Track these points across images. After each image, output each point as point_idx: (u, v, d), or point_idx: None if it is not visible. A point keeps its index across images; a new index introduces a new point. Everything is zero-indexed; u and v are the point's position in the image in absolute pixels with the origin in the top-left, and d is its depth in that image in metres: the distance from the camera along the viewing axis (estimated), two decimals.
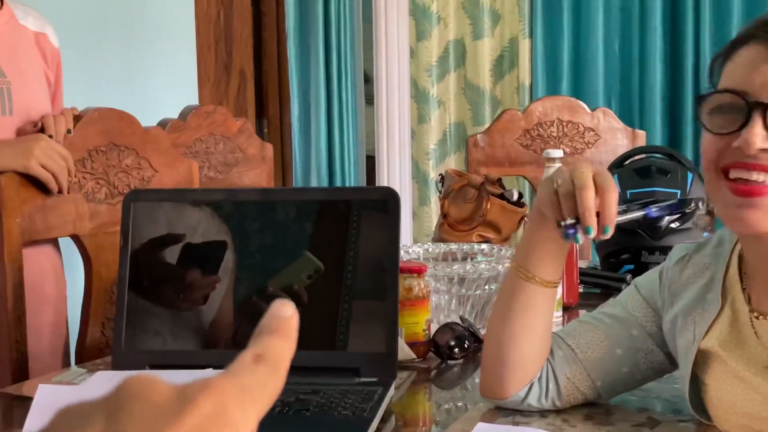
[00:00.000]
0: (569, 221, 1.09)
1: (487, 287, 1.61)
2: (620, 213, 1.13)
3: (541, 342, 1.21)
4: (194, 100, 3.32)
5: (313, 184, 3.81)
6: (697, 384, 1.13)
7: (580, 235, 1.09)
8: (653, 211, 1.18)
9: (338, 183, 3.87)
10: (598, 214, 1.09)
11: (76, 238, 1.71)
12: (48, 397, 1.17)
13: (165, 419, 0.36)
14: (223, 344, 1.37)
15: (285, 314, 0.43)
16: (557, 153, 1.77)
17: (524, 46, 3.76)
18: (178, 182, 1.89)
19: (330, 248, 1.39)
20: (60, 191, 1.64)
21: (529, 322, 1.19)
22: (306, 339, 1.33)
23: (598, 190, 1.09)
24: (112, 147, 1.76)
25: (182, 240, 1.40)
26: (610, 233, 1.10)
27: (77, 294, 1.78)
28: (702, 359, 1.12)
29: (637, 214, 1.17)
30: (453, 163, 3.93)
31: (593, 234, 1.08)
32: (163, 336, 1.37)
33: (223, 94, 4.20)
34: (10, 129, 1.70)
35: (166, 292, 1.38)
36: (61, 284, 1.78)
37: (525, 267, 1.17)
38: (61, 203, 1.67)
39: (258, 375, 0.40)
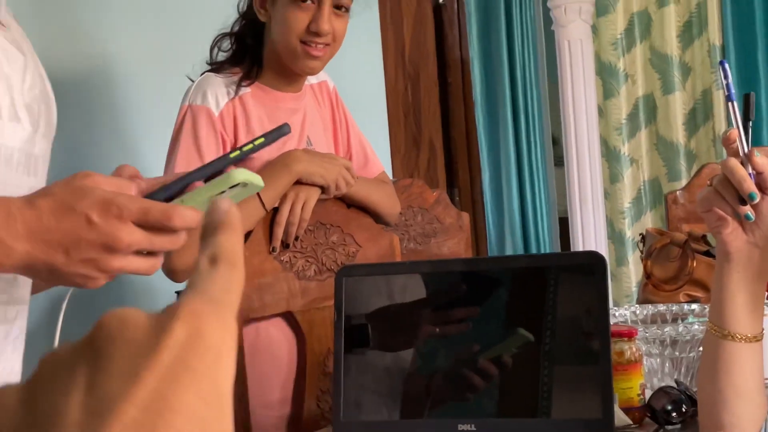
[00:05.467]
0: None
1: (701, 349, 1.56)
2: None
3: (754, 399, 1.15)
4: (388, 172, 3.41)
5: (508, 249, 3.81)
6: None
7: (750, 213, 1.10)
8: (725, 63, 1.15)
9: (533, 247, 3.85)
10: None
11: (289, 315, 1.78)
12: None
13: (143, 357, 0.34)
14: (437, 413, 1.39)
15: (223, 208, 0.41)
16: None
17: (718, 96, 3.67)
18: (381, 256, 1.94)
19: (537, 315, 1.39)
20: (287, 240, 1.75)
21: (737, 381, 1.14)
22: (519, 407, 1.34)
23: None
24: (319, 226, 1.84)
25: (392, 311, 1.44)
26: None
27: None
28: None
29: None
30: (650, 220, 3.85)
31: (757, 199, 1.09)
32: (380, 406, 1.40)
33: (413, 166, 4.29)
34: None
35: (380, 363, 1.42)
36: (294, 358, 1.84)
37: (719, 324, 1.14)
38: (275, 282, 1.75)
39: (220, 278, 0.38)
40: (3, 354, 1.08)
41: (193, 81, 1.88)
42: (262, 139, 1.01)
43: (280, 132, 1.03)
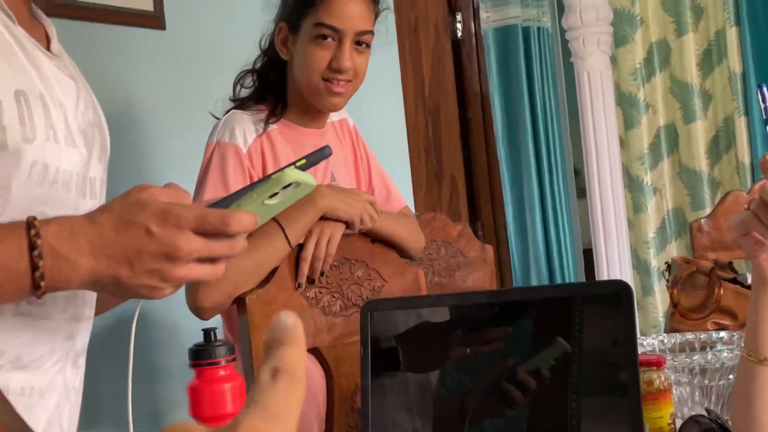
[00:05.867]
0: None
1: (730, 377, 1.55)
2: None
3: None
4: (410, 208, 3.41)
5: (533, 281, 3.80)
6: None
7: None
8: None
9: (558, 279, 3.84)
10: None
11: (316, 351, 1.78)
12: None
13: None
14: None
15: (289, 323, 0.41)
16: None
17: (740, 124, 3.66)
18: (407, 290, 1.94)
19: (564, 344, 1.38)
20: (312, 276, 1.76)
21: None
22: None
23: None
24: (344, 261, 1.84)
25: (418, 346, 1.43)
26: None
27: None
28: None
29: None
30: (675, 250, 3.83)
31: None
32: None
33: (436, 201, 4.29)
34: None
35: (408, 397, 1.42)
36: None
37: (755, 350, 1.13)
38: (301, 319, 1.74)
39: (280, 393, 0.38)
40: (64, 369, 1.10)
41: (216, 117, 1.90)
42: (303, 161, 1.01)
43: (321, 154, 1.03)
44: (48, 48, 1.13)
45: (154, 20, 2.33)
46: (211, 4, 2.50)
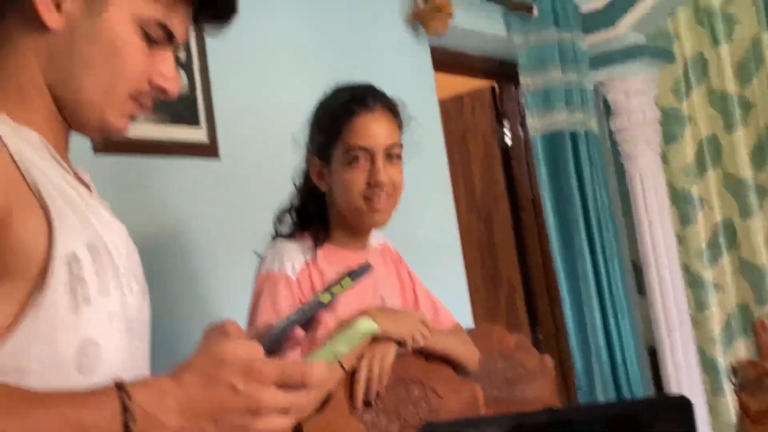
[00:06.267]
0: None
1: None
2: None
3: None
4: (467, 316, 3.39)
5: (597, 386, 3.71)
6: None
7: None
8: None
9: (623, 382, 3.75)
10: None
11: None
12: None
13: None
14: None
15: None
16: None
17: None
18: (464, 407, 1.92)
19: None
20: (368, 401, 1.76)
21: None
22: None
23: None
24: (399, 381, 1.83)
25: None
26: None
27: None
28: None
29: None
30: (743, 347, 3.75)
31: None
32: None
33: (493, 306, 4.27)
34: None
35: None
36: None
37: None
38: None
39: None
40: None
41: (259, 256, 1.93)
42: (349, 280, 1.06)
43: (364, 270, 1.07)
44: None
45: (208, 149, 2.39)
46: (263, 131, 2.55)
